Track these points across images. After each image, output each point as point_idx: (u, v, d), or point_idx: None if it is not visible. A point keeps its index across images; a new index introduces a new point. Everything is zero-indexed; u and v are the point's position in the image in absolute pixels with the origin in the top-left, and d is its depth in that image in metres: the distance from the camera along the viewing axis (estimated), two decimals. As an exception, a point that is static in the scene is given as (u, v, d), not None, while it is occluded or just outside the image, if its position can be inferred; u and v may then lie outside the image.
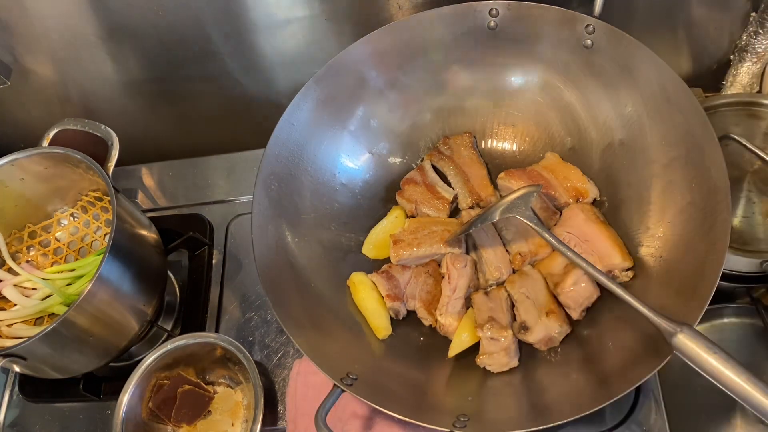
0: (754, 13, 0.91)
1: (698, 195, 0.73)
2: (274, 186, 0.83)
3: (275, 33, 0.95)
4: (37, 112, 1.06)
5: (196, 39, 0.95)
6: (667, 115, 0.78)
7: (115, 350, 0.83)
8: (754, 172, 0.87)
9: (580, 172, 0.85)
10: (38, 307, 0.86)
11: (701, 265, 0.69)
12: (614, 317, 0.75)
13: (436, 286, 0.82)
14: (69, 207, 0.94)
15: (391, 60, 0.89)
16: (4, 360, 0.72)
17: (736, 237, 0.83)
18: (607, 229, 0.79)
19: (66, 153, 0.83)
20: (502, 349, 0.75)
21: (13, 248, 0.92)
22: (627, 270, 0.77)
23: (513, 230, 0.83)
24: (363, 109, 0.91)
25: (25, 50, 0.95)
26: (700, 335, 0.60)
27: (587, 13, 0.81)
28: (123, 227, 0.79)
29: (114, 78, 1.01)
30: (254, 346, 0.90)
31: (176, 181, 1.07)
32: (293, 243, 0.83)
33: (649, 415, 0.78)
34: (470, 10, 0.86)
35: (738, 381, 0.57)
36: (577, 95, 0.87)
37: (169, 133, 1.13)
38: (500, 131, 0.93)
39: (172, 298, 0.96)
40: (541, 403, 0.71)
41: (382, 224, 0.89)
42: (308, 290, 0.81)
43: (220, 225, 1.01)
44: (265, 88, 1.04)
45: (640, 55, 0.79)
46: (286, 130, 0.85)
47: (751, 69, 0.97)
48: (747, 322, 0.90)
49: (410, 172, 0.91)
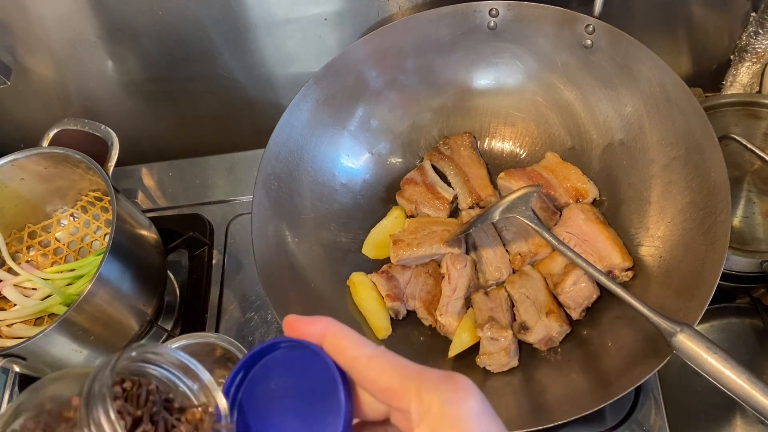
0: (754, 13, 0.91)
1: (698, 195, 0.73)
2: (274, 186, 0.83)
3: (275, 33, 0.95)
4: (37, 112, 1.06)
5: (196, 39, 0.95)
6: (667, 115, 0.78)
7: (115, 350, 0.83)
8: (754, 172, 0.87)
9: (580, 172, 0.85)
10: (38, 307, 0.86)
11: (701, 265, 0.69)
12: (614, 317, 0.75)
13: (436, 286, 0.82)
14: (69, 207, 0.94)
15: (391, 60, 0.89)
16: (4, 360, 0.72)
17: (736, 237, 0.83)
18: (606, 229, 0.79)
19: (66, 153, 0.83)
20: (502, 349, 0.75)
21: (13, 248, 0.92)
22: (627, 270, 0.77)
23: (513, 230, 0.83)
24: (363, 109, 0.91)
25: (25, 50, 0.95)
26: (700, 335, 0.60)
27: (587, 13, 0.81)
28: (123, 227, 0.79)
29: (114, 78, 1.01)
30: (254, 346, 0.90)
31: (176, 181, 1.07)
32: (293, 243, 0.83)
33: (649, 415, 0.78)
34: (470, 10, 0.86)
35: (738, 381, 0.57)
36: (577, 95, 0.87)
37: (169, 133, 1.13)
38: (500, 131, 0.93)
39: (172, 298, 0.96)
40: (541, 403, 0.71)
41: (382, 224, 0.89)
42: (308, 290, 0.81)
43: (220, 225, 1.01)
44: (265, 88, 1.04)
45: (640, 55, 0.79)
46: (286, 130, 0.85)
47: (751, 69, 0.96)
48: (747, 322, 0.90)
49: (410, 172, 0.91)
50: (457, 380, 0.33)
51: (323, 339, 0.35)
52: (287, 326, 0.36)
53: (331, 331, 0.35)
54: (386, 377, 0.33)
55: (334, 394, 0.34)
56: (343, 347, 0.35)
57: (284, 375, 0.37)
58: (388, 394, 0.33)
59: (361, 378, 0.34)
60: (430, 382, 0.32)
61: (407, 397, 0.32)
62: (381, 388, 0.34)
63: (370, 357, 0.34)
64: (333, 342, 0.35)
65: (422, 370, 0.33)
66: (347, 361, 0.34)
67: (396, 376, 0.33)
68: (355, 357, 0.34)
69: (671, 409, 0.78)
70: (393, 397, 0.33)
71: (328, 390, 0.35)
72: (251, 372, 0.37)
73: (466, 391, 0.32)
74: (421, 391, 0.32)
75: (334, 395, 0.34)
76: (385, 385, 0.33)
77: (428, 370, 0.33)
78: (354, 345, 0.35)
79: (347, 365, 0.35)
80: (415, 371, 0.33)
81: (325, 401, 0.35)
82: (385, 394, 0.34)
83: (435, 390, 0.32)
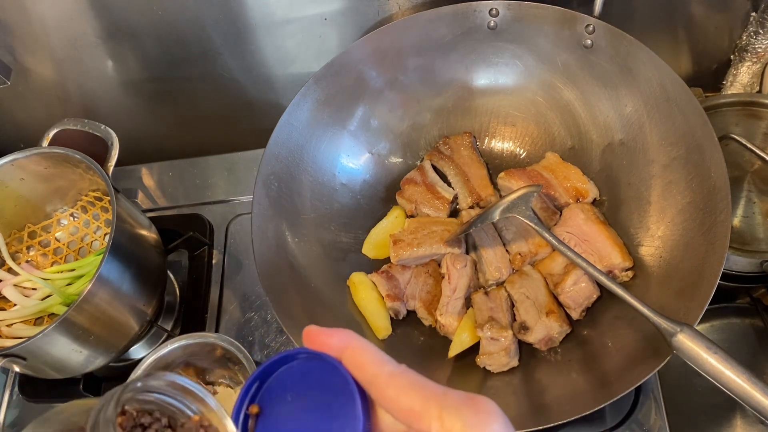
0: (754, 13, 0.91)
1: (698, 195, 0.73)
2: (274, 186, 0.83)
3: (275, 33, 0.95)
4: (37, 112, 1.06)
5: (196, 39, 0.95)
6: (667, 115, 0.78)
7: (115, 350, 0.83)
8: (754, 172, 0.87)
9: (580, 172, 0.85)
10: (38, 307, 0.86)
11: (701, 265, 0.69)
12: (614, 317, 0.75)
13: (436, 286, 0.82)
14: (69, 207, 0.94)
15: (391, 60, 0.89)
16: (4, 360, 0.72)
17: (736, 237, 0.82)
18: (607, 229, 0.79)
19: (66, 153, 0.83)
20: (502, 349, 0.75)
21: (12, 248, 0.92)
22: (627, 270, 0.77)
23: (513, 230, 0.83)
24: (363, 109, 0.91)
25: (25, 50, 0.95)
26: (700, 335, 0.60)
27: (587, 13, 0.81)
28: (123, 227, 0.79)
29: (114, 78, 1.01)
30: (254, 346, 0.90)
31: (176, 181, 1.07)
32: (293, 243, 0.83)
33: (649, 415, 0.78)
34: (470, 10, 0.86)
35: (738, 381, 0.57)
36: (577, 95, 0.87)
37: (169, 133, 1.13)
38: (500, 131, 0.93)
39: (172, 298, 0.96)
40: (541, 403, 0.71)
41: (382, 224, 0.89)
42: (308, 290, 0.81)
43: (220, 225, 1.01)
44: (265, 88, 1.04)
45: (640, 55, 0.79)
46: (286, 130, 0.85)
47: (751, 69, 0.96)
48: (747, 322, 0.90)
49: (410, 172, 0.91)
50: (479, 403, 0.32)
51: (343, 353, 0.34)
52: (307, 337, 0.35)
53: (351, 346, 0.34)
54: (407, 397, 0.32)
55: (352, 410, 0.33)
56: (363, 363, 0.34)
57: (301, 387, 0.36)
58: (408, 414, 0.32)
59: (380, 396, 0.33)
60: (452, 404, 0.31)
61: (428, 418, 0.31)
62: (401, 408, 0.32)
63: (390, 375, 0.33)
64: (353, 357, 0.34)
65: (445, 392, 0.32)
66: (367, 377, 0.33)
67: (417, 397, 0.32)
68: (375, 374, 0.33)
69: (671, 409, 0.78)
70: (413, 418, 0.32)
71: (346, 405, 0.34)
72: (267, 382, 0.36)
73: (488, 414, 0.31)
74: (442, 413, 0.31)
75: (351, 412, 0.33)
76: (405, 406, 0.32)
77: (451, 391, 0.32)
78: (375, 361, 0.34)
79: (366, 382, 0.33)
80: (437, 392, 0.32)
81: (341, 417, 0.34)
82: (404, 415, 0.32)
83: (457, 413, 0.31)
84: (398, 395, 0.32)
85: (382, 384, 0.33)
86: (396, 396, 0.32)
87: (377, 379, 0.33)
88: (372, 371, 0.33)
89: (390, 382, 0.33)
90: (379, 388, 0.33)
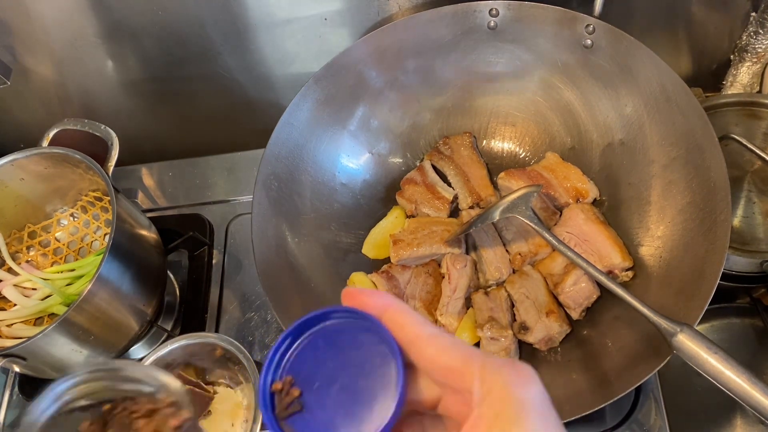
0: (754, 13, 0.91)
1: (698, 195, 0.73)
2: (274, 186, 0.83)
3: (275, 33, 0.95)
4: (37, 112, 1.06)
5: (196, 39, 0.95)
6: (667, 115, 0.78)
7: (115, 350, 0.83)
8: (754, 172, 0.87)
9: (580, 172, 0.85)
10: (38, 307, 0.86)
11: (701, 265, 0.69)
12: (614, 317, 0.75)
13: (436, 286, 0.82)
14: (69, 207, 0.94)
15: (391, 60, 0.89)
16: (4, 360, 0.72)
17: (736, 237, 0.82)
18: (607, 229, 0.79)
19: (66, 153, 0.83)
20: (502, 349, 0.75)
21: (13, 248, 0.92)
22: (627, 270, 0.77)
23: (513, 230, 0.83)
24: (363, 109, 0.91)
25: (25, 50, 0.95)
26: (700, 335, 0.60)
27: (587, 13, 0.81)
28: (123, 227, 0.78)
29: (114, 78, 1.01)
30: (254, 346, 0.90)
31: (176, 181, 1.07)
32: (293, 243, 0.83)
33: (649, 415, 0.78)
34: (470, 10, 0.86)
35: (738, 381, 0.57)
36: (577, 95, 0.87)
37: (169, 133, 1.13)
38: (500, 131, 0.93)
39: (172, 298, 0.96)
40: (541, 403, 0.71)
41: (382, 224, 0.89)
42: (308, 290, 0.81)
43: (220, 225, 1.01)
44: (265, 88, 1.04)
45: (640, 55, 0.79)
46: (286, 130, 0.85)
47: (751, 69, 0.96)
48: (747, 322, 0.90)
49: (410, 172, 0.91)
50: (519, 366, 0.32)
51: (384, 312, 0.35)
52: (346, 296, 0.36)
53: (393, 307, 0.35)
54: (447, 356, 0.33)
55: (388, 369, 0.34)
56: (404, 323, 0.34)
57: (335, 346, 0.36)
58: (448, 373, 0.33)
59: (419, 356, 0.34)
60: (493, 364, 0.32)
61: (469, 376, 0.32)
62: (441, 367, 0.33)
63: (431, 335, 0.34)
64: (394, 317, 0.34)
65: (485, 353, 0.33)
66: (407, 337, 0.34)
67: (458, 356, 0.33)
68: (416, 334, 0.34)
69: (671, 409, 0.78)
70: (454, 376, 0.33)
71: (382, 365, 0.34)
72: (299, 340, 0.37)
73: (528, 377, 0.32)
74: (484, 372, 0.32)
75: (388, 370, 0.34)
76: (446, 364, 0.33)
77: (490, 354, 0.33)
78: (416, 322, 0.34)
79: (407, 341, 0.34)
80: (477, 353, 0.33)
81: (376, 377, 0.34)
82: (444, 373, 0.33)
83: (498, 371, 0.32)
84: (439, 354, 0.33)
85: (423, 343, 0.34)
86: (437, 355, 0.33)
87: (419, 339, 0.34)
88: (414, 331, 0.34)
89: (431, 342, 0.33)
90: (420, 347, 0.34)
